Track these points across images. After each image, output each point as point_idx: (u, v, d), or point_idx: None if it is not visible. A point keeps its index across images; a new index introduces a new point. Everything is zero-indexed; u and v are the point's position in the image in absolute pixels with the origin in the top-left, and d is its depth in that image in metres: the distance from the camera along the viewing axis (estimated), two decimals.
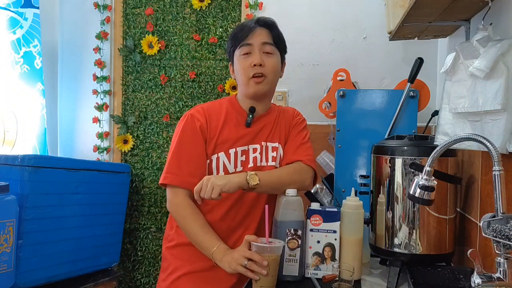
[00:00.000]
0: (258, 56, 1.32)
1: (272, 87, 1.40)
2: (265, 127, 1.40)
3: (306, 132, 1.45)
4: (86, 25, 2.21)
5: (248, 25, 1.35)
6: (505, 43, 0.95)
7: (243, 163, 1.35)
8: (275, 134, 1.42)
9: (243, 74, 1.34)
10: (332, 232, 1.21)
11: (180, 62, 2.15)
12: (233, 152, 1.34)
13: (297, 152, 1.38)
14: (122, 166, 2.05)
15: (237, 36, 1.35)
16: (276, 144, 1.41)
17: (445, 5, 1.23)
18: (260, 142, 1.38)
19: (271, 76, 1.36)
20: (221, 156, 1.33)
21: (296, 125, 1.45)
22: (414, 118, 1.59)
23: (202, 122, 1.34)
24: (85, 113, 2.23)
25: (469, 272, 1.03)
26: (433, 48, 1.87)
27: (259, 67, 1.32)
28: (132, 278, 2.20)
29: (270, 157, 1.39)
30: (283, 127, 1.43)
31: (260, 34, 1.35)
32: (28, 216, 1.51)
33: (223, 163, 1.33)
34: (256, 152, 1.37)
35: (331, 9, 1.99)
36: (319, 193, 1.66)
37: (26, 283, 1.52)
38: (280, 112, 1.46)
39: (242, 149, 1.35)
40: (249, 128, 1.38)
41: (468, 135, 0.89)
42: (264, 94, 1.38)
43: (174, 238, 1.38)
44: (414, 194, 0.97)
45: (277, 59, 1.38)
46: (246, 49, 1.34)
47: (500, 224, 0.80)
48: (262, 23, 1.37)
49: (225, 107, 1.40)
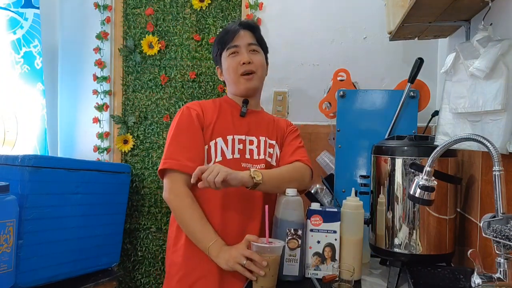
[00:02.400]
0: (246, 54, 1.39)
1: (261, 82, 1.45)
2: (259, 122, 1.44)
3: (300, 139, 1.51)
4: (86, 25, 2.21)
5: (232, 29, 1.41)
6: (505, 43, 0.95)
7: (240, 151, 1.37)
8: (273, 133, 1.45)
9: (232, 72, 1.39)
10: (332, 232, 1.21)
11: (180, 62, 2.15)
12: (230, 139, 1.36)
13: (294, 154, 1.42)
14: (122, 166, 2.04)
15: (223, 39, 1.41)
16: (274, 142, 1.44)
17: (445, 5, 1.23)
18: (258, 136, 1.41)
19: (260, 71, 1.42)
20: (219, 142, 1.35)
21: (291, 132, 1.50)
22: (414, 118, 1.59)
23: (198, 111, 1.37)
24: (85, 113, 2.23)
25: (469, 272, 1.03)
26: (433, 48, 1.87)
27: (248, 64, 1.38)
28: (132, 278, 2.20)
29: (268, 152, 1.41)
30: (279, 131, 1.48)
31: (244, 35, 1.41)
32: (28, 216, 1.51)
33: (221, 148, 1.35)
34: (253, 145, 1.39)
35: (331, 9, 1.98)
36: (319, 193, 1.67)
37: (26, 283, 1.52)
38: (275, 119, 1.52)
39: (239, 137, 1.37)
40: (244, 119, 1.41)
41: (468, 135, 0.90)
42: (255, 90, 1.43)
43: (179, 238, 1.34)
44: (414, 194, 0.97)
45: (262, 56, 1.45)
46: (233, 50, 1.40)
47: (500, 224, 0.80)
48: (246, 25, 1.43)
49: (219, 102, 1.45)
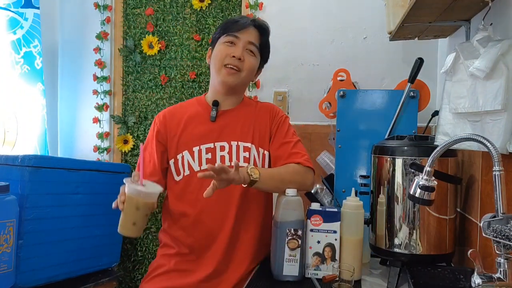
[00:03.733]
0: (241, 50, 1.34)
1: (242, 84, 1.40)
2: (232, 124, 1.38)
3: (292, 130, 1.43)
4: (86, 25, 2.21)
5: (242, 22, 1.37)
6: (505, 43, 0.95)
7: (208, 160, 1.34)
8: (248, 134, 1.38)
9: (218, 59, 1.35)
10: (332, 232, 1.21)
11: (180, 62, 2.15)
12: (197, 150, 1.35)
13: (292, 155, 1.36)
14: (122, 166, 2.04)
15: (229, 26, 1.37)
16: (249, 144, 1.36)
17: (445, 5, 1.23)
18: (229, 141, 1.36)
19: (245, 73, 1.36)
20: (185, 155, 1.35)
21: (280, 125, 1.41)
22: (414, 118, 1.59)
23: (159, 127, 1.39)
24: (85, 113, 2.23)
25: (469, 272, 1.03)
26: (433, 48, 1.87)
27: (238, 60, 1.33)
28: (132, 278, 2.20)
29: (242, 157, 1.35)
30: (260, 127, 1.40)
31: (251, 33, 1.37)
32: (28, 216, 1.51)
33: (187, 161, 1.34)
34: (224, 151, 1.35)
35: (331, 9, 1.98)
36: (319, 193, 1.66)
37: (26, 283, 1.52)
38: (256, 109, 1.43)
39: (207, 146, 1.35)
40: (214, 124, 1.37)
41: (468, 135, 0.90)
42: (232, 87, 1.37)
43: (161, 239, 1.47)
44: (414, 195, 0.97)
45: (256, 61, 1.39)
46: (231, 38, 1.35)
47: (500, 224, 0.80)
48: (257, 24, 1.39)
49: (192, 106, 1.43)
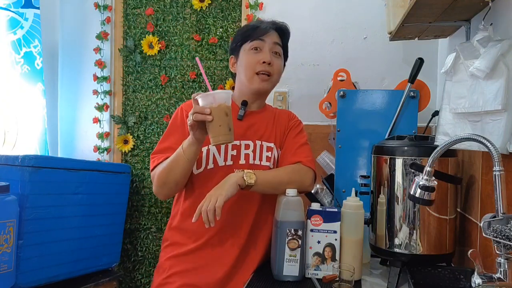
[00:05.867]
0: (268, 54, 1.35)
1: (273, 87, 1.43)
2: (257, 124, 1.40)
3: (304, 134, 1.45)
4: (86, 25, 2.21)
5: (262, 26, 1.38)
6: (506, 43, 0.95)
7: (233, 157, 1.34)
8: (271, 134, 1.41)
9: (249, 68, 1.36)
10: (333, 233, 1.21)
11: (180, 63, 2.15)
12: (223, 145, 1.34)
13: (296, 154, 1.37)
14: (123, 167, 2.05)
15: (250, 33, 1.37)
16: (272, 144, 1.39)
17: (445, 5, 1.23)
18: (254, 140, 1.37)
19: (276, 77, 1.40)
20: (212, 148, 1.32)
21: (293, 128, 1.44)
22: (415, 118, 1.59)
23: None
24: (86, 113, 2.23)
25: (469, 272, 1.03)
26: (434, 48, 1.87)
27: (268, 65, 1.35)
28: (132, 278, 2.20)
29: (265, 156, 1.37)
30: (279, 128, 1.43)
31: (273, 35, 1.38)
32: (28, 216, 1.51)
33: (213, 155, 1.33)
34: (249, 149, 1.36)
35: (331, 9, 1.98)
36: (319, 193, 1.66)
37: (27, 283, 1.52)
38: (276, 113, 1.46)
39: (233, 143, 1.33)
40: (241, 122, 1.38)
41: (468, 135, 0.90)
42: (265, 92, 1.42)
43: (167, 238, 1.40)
44: (414, 195, 0.97)
45: (282, 63, 1.43)
46: (257, 43, 1.36)
47: (500, 224, 0.80)
48: (277, 27, 1.40)
49: None
